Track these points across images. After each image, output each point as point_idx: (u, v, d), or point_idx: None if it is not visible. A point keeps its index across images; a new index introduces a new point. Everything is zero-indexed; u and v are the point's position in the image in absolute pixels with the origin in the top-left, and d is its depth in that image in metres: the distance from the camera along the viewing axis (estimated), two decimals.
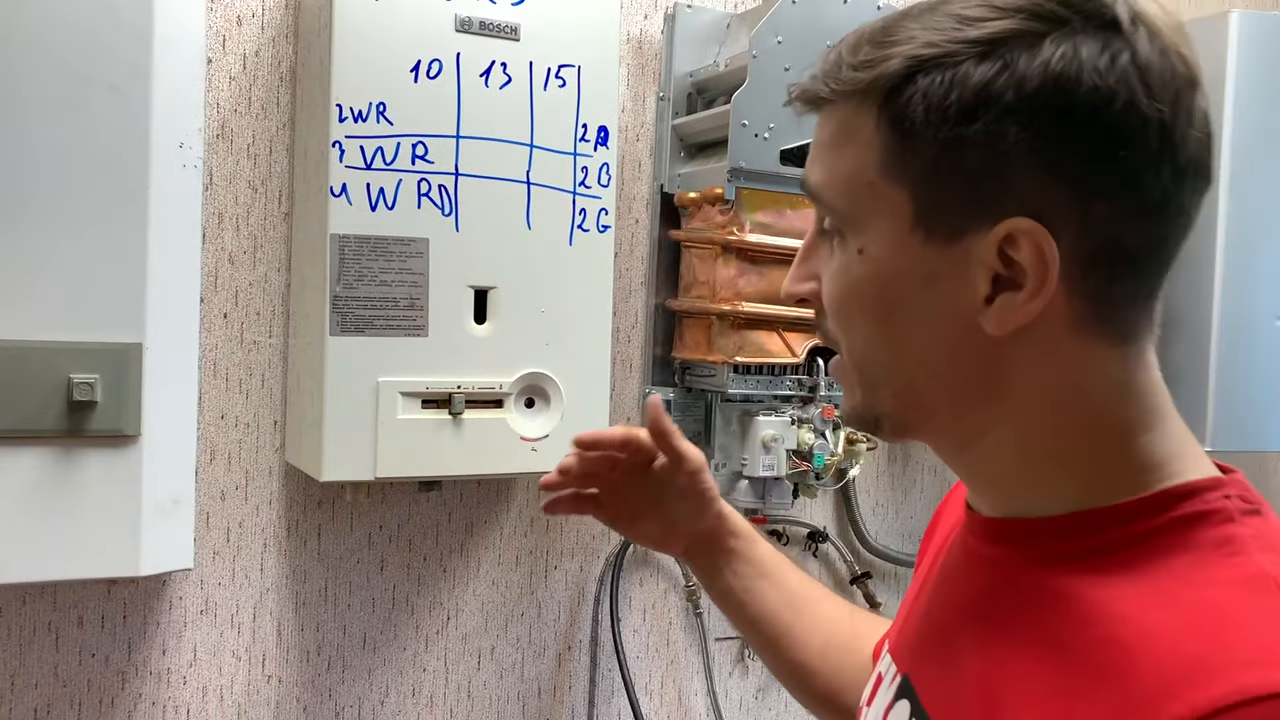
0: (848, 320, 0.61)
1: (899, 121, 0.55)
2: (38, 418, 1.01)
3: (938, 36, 0.54)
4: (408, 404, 1.17)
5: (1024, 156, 0.53)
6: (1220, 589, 0.52)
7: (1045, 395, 0.58)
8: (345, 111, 1.12)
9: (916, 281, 0.57)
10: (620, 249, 1.45)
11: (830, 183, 0.59)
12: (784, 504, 1.45)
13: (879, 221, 0.58)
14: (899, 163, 0.56)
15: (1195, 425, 1.54)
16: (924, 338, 0.59)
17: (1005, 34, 0.53)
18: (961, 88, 0.53)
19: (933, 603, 0.70)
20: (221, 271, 1.24)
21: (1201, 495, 0.57)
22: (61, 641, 1.20)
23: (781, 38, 1.30)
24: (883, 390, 0.62)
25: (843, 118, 0.58)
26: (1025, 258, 0.54)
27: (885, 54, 0.55)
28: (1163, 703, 0.48)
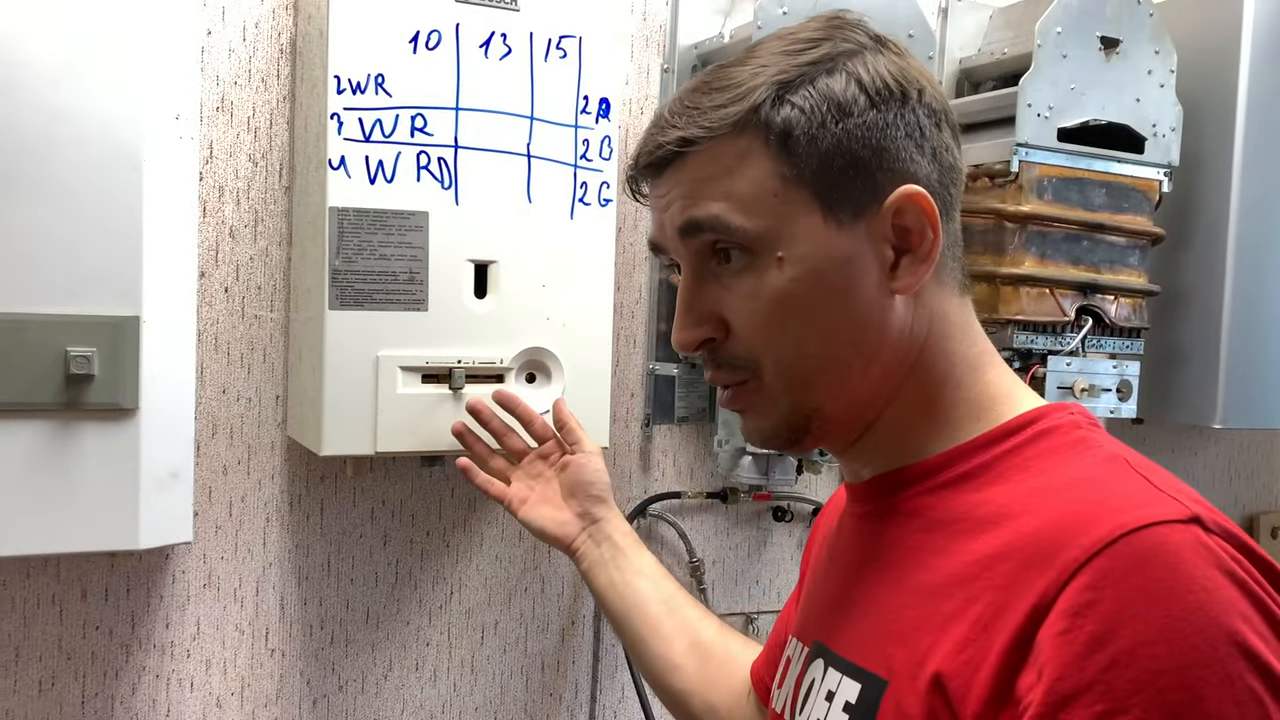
0: (777, 329, 0.66)
1: (785, 136, 0.64)
2: (35, 391, 1.00)
3: (783, 64, 0.65)
4: (408, 379, 1.16)
5: (890, 140, 0.65)
6: (1083, 471, 0.62)
7: (932, 346, 0.68)
8: (344, 83, 1.11)
9: (838, 266, 0.65)
10: (623, 223, 1.44)
11: (731, 209, 0.65)
12: (788, 480, 1.44)
13: (794, 225, 0.65)
14: (795, 170, 0.64)
15: (1205, 403, 1.55)
16: (850, 317, 0.66)
17: (835, 54, 0.65)
18: (827, 97, 0.64)
19: (826, 580, 0.77)
20: (222, 246, 1.24)
21: (1050, 416, 0.66)
22: (65, 614, 1.20)
23: (786, 9, 1.28)
24: (815, 384, 0.67)
25: (720, 152, 0.65)
26: (913, 220, 0.65)
27: (744, 89, 0.65)
28: (1055, 554, 0.55)
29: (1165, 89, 1.47)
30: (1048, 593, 0.55)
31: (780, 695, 0.76)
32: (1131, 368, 1.49)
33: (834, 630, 0.70)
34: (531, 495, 1.13)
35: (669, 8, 1.45)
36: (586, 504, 1.10)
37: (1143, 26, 1.44)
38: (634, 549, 1.08)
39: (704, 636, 1.01)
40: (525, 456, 1.16)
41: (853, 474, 0.74)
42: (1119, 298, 1.47)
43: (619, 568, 1.06)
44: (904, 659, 0.61)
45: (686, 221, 0.67)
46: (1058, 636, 0.53)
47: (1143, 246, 1.49)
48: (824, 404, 0.68)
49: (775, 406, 0.68)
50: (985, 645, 0.56)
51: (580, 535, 1.09)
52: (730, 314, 0.67)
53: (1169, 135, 1.48)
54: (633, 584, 1.05)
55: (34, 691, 1.19)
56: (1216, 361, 1.56)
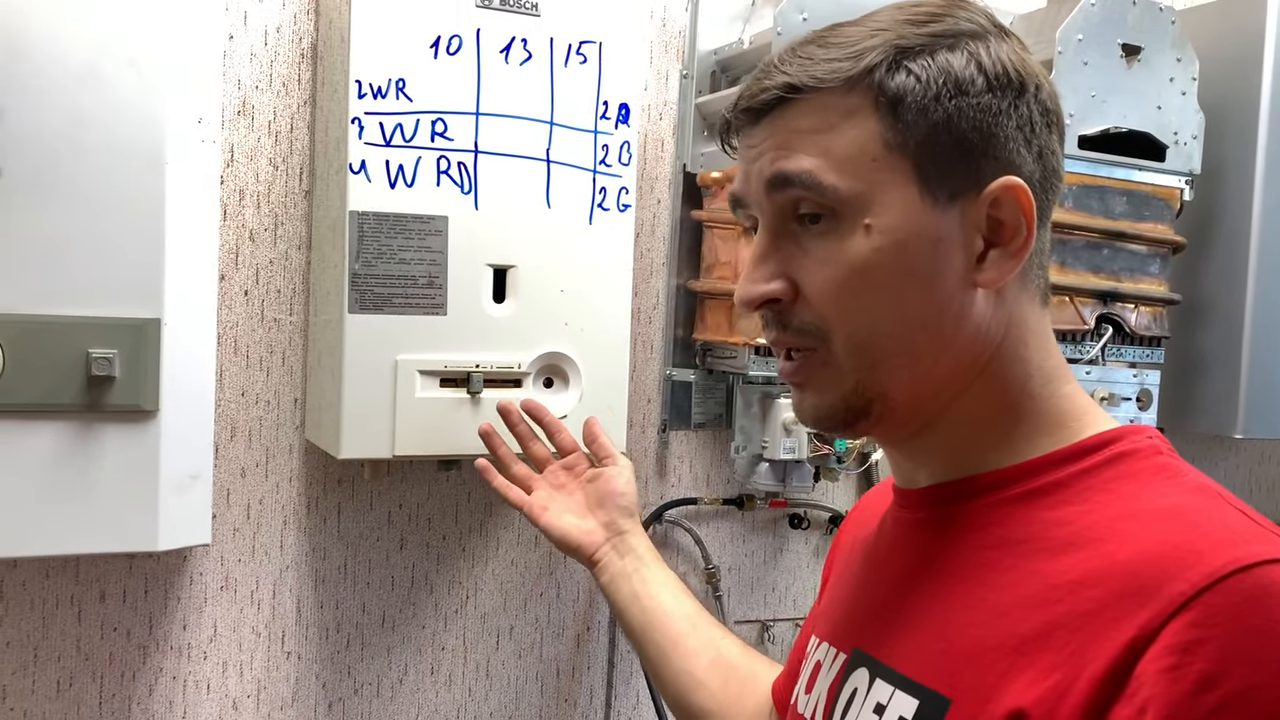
0: (852, 300, 0.63)
1: (896, 101, 0.62)
2: (57, 392, 1.01)
3: (905, 31, 0.63)
4: (426, 383, 1.16)
5: (1001, 128, 0.63)
6: (1174, 499, 0.59)
7: (1006, 351, 0.66)
8: (365, 88, 1.11)
9: (927, 245, 0.62)
10: (641, 229, 1.44)
11: (827, 166, 0.62)
12: (805, 487, 1.44)
13: (888, 194, 0.62)
14: (900, 138, 0.62)
15: (1227, 413, 1.54)
16: (929, 302, 0.63)
17: (959, 31, 0.63)
18: (945, 71, 0.62)
19: (867, 585, 0.74)
20: (242, 249, 1.24)
21: (1128, 437, 0.64)
22: (84, 615, 1.21)
23: (807, 15, 1.28)
24: (885, 365, 0.64)
25: (826, 105, 0.63)
26: (1009, 214, 0.63)
27: (861, 48, 0.63)
28: (1159, 586, 0.53)
29: (1187, 96, 1.46)
30: (1149, 625, 0.52)
31: (808, 701, 0.73)
32: (1152, 377, 1.48)
33: (882, 640, 0.67)
34: (553, 504, 1.12)
35: (689, 14, 1.45)
36: (614, 514, 1.09)
37: (1165, 34, 1.43)
38: (657, 564, 1.07)
39: (727, 654, 0.99)
40: (547, 466, 1.15)
41: (905, 477, 0.71)
42: (1139, 306, 1.46)
43: (643, 580, 1.05)
44: (971, 680, 0.59)
45: (775, 174, 0.64)
46: (1165, 673, 0.51)
47: (1164, 255, 1.48)
48: (889, 389, 0.65)
49: (840, 383, 0.65)
50: (1073, 673, 0.54)
51: (604, 546, 1.08)
52: (804, 277, 0.64)
53: (1191, 143, 1.47)
54: (657, 598, 1.03)
55: (52, 692, 1.20)
56: (1238, 371, 1.54)
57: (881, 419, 0.66)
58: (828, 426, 0.68)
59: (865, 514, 0.82)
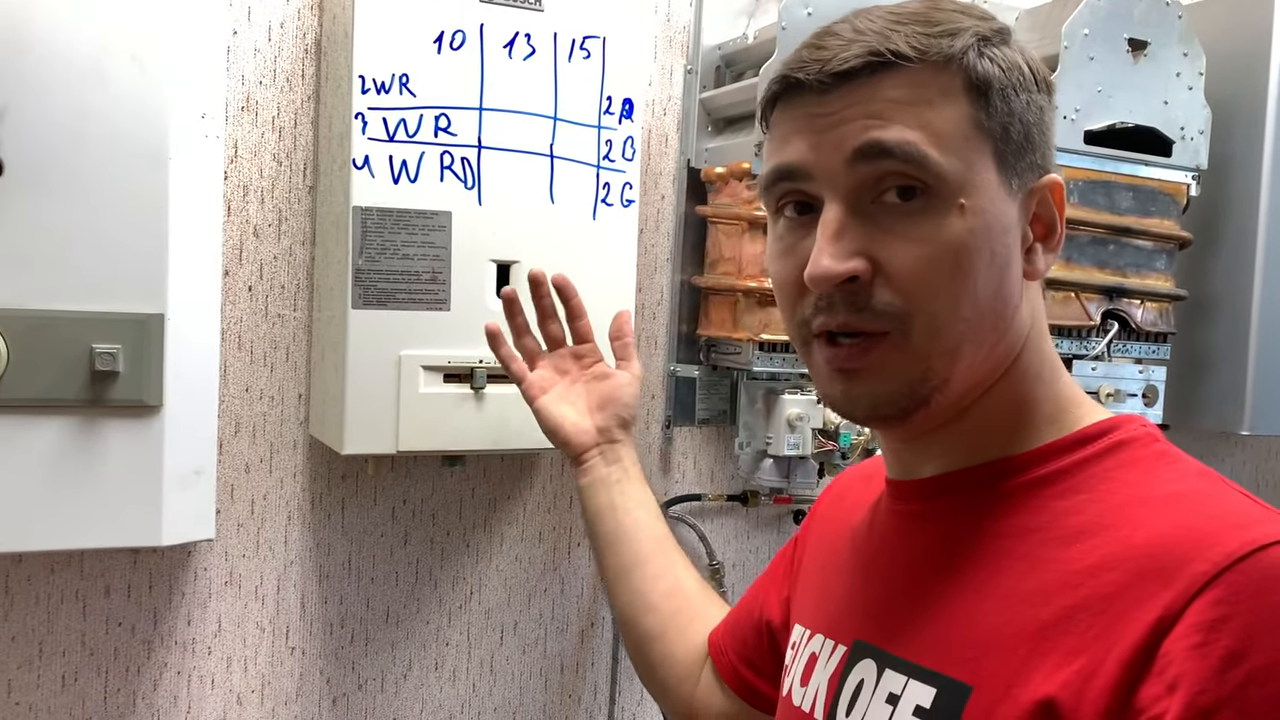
0: (945, 281, 0.61)
1: (985, 85, 0.62)
2: (60, 387, 1.01)
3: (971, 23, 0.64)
4: (429, 378, 1.16)
5: (1047, 124, 0.65)
6: (1179, 484, 0.61)
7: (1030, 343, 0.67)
8: (368, 83, 1.11)
9: (1004, 232, 0.63)
10: (645, 224, 1.43)
11: (929, 140, 0.61)
12: (809, 483, 1.44)
13: (980, 175, 0.62)
14: (988, 123, 0.62)
15: (1233, 409, 1.53)
16: (1003, 289, 0.64)
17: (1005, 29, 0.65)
18: (1015, 64, 0.64)
19: (867, 574, 0.74)
20: (246, 245, 1.24)
21: (1124, 426, 0.65)
22: (89, 610, 1.21)
23: (811, 10, 1.28)
24: (961, 351, 0.63)
25: (923, 80, 0.62)
26: (1046, 210, 0.65)
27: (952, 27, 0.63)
28: (1179, 567, 0.55)
29: (1194, 91, 1.45)
30: (1174, 605, 0.54)
31: (805, 693, 0.74)
32: (1158, 373, 1.48)
33: (888, 631, 0.67)
34: (552, 388, 1.09)
35: (692, 9, 1.44)
36: (611, 421, 1.07)
37: (1171, 28, 1.43)
38: (641, 480, 1.06)
39: (685, 585, 1.00)
40: (557, 348, 1.12)
41: (904, 469, 0.71)
42: (1145, 302, 1.45)
43: (623, 493, 1.04)
44: (994, 667, 0.59)
45: (869, 143, 0.60)
46: (1192, 650, 0.52)
47: (1170, 250, 1.47)
48: (954, 376, 0.63)
49: (909, 369, 0.62)
50: (1099, 655, 0.55)
51: (594, 449, 1.06)
52: (890, 256, 0.61)
53: (1197, 138, 1.46)
54: (633, 513, 1.03)
55: (57, 686, 1.20)
56: (1244, 367, 1.54)
57: (938, 410, 0.64)
58: (884, 415, 0.65)
59: (846, 500, 0.81)
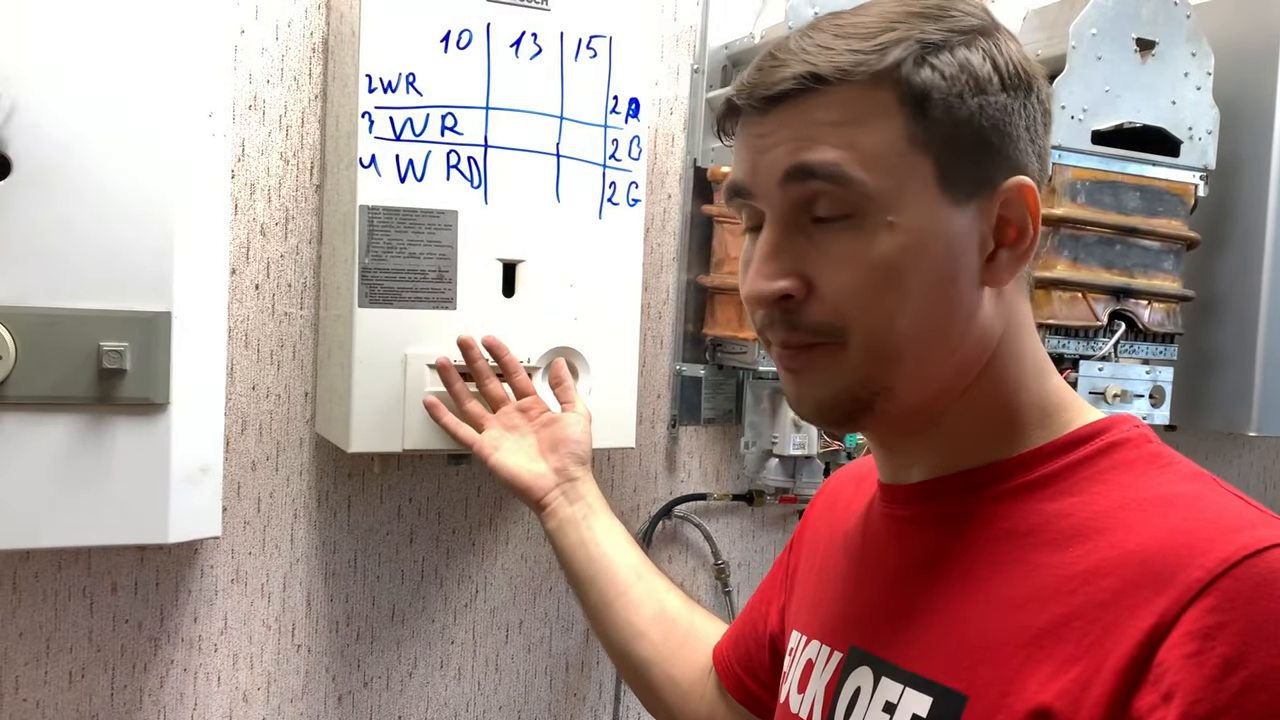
0: (874, 299, 0.62)
1: (922, 98, 0.61)
2: (68, 384, 1.01)
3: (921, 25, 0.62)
4: (436, 377, 1.16)
5: (1013, 126, 0.63)
6: (1172, 487, 0.60)
7: (1005, 348, 0.66)
8: (375, 82, 1.12)
9: (944, 244, 0.62)
10: (652, 224, 1.44)
11: (853, 160, 0.61)
12: (815, 483, 1.44)
13: (912, 191, 0.61)
14: (923, 134, 0.61)
15: (1240, 410, 1.53)
16: (948, 302, 0.63)
17: (975, 28, 0.63)
18: (966, 69, 0.62)
19: (860, 579, 0.73)
20: (253, 243, 1.25)
21: (1117, 427, 0.65)
22: (96, 607, 1.22)
23: (817, 9, 1.28)
24: (898, 363, 0.63)
25: (852, 99, 0.61)
26: (1017, 214, 0.63)
27: (885, 41, 0.61)
28: (1173, 573, 0.54)
29: (1202, 91, 1.45)
30: (1168, 612, 0.53)
31: (802, 700, 0.73)
32: (1165, 373, 1.47)
33: (883, 638, 0.67)
34: (504, 444, 1.11)
35: (699, 8, 1.44)
36: (566, 461, 1.08)
37: (1179, 28, 1.42)
38: (606, 513, 1.06)
39: (669, 607, 1.00)
40: (501, 406, 1.14)
41: (893, 472, 0.71)
42: (1152, 302, 1.45)
43: (590, 528, 1.04)
44: (989, 675, 0.59)
45: (796, 165, 0.61)
46: (1188, 658, 0.52)
47: (1177, 251, 1.47)
48: (896, 384, 0.64)
49: (846, 375, 0.63)
50: (1094, 664, 0.55)
51: (554, 490, 1.07)
52: (820, 274, 0.62)
53: (1205, 138, 1.46)
54: (602, 545, 1.03)
55: (64, 683, 1.21)
56: (1252, 368, 1.53)
57: (887, 416, 0.65)
58: (829, 419, 0.67)
59: (838, 504, 0.81)
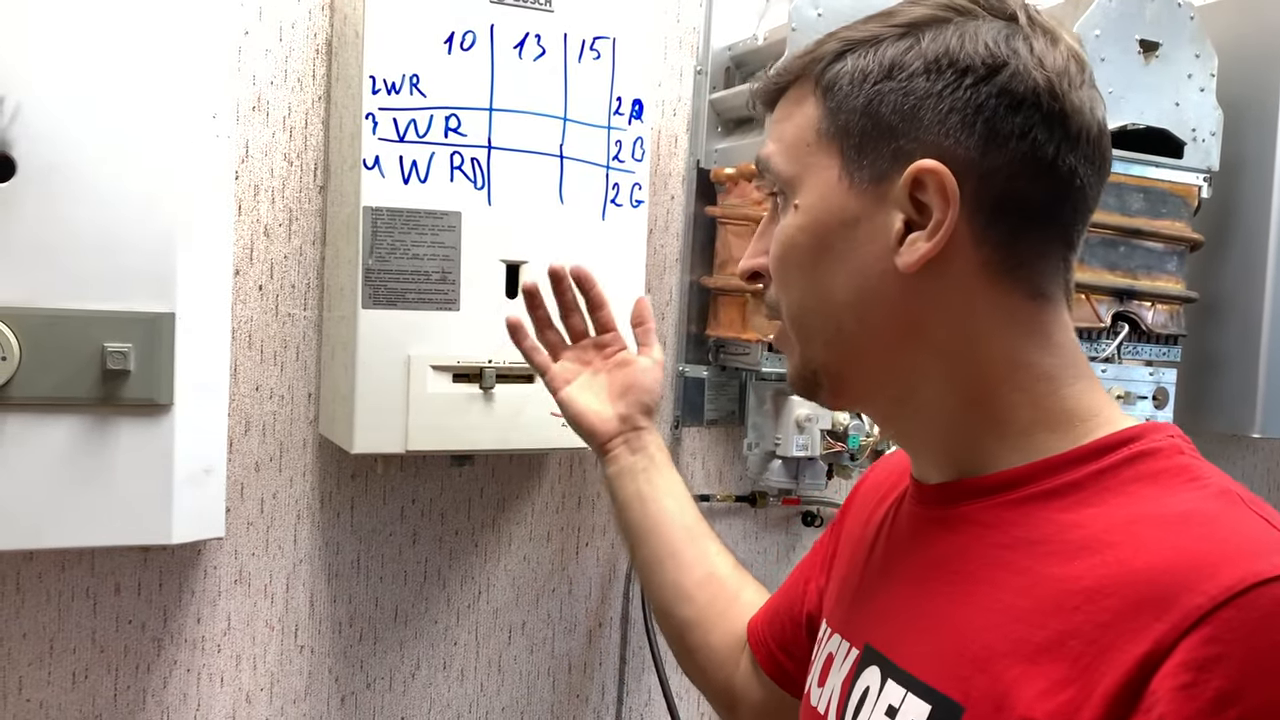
0: (786, 274, 0.68)
1: (830, 89, 0.65)
2: (72, 385, 1.02)
3: (871, 26, 0.66)
4: (438, 378, 1.17)
5: (930, 111, 0.62)
6: (1194, 505, 0.57)
7: (965, 339, 0.64)
8: (379, 83, 1.12)
9: (842, 226, 0.65)
10: (655, 225, 1.44)
11: (777, 151, 0.68)
12: (818, 484, 1.44)
13: (814, 176, 0.66)
14: (831, 124, 0.65)
15: (1244, 412, 1.53)
16: (847, 280, 0.65)
17: (920, 19, 0.64)
18: (880, 59, 0.64)
19: (881, 579, 0.73)
20: (257, 244, 1.25)
21: (1147, 436, 0.62)
22: (99, 608, 1.22)
23: (821, 10, 1.28)
24: (816, 340, 0.68)
25: (791, 98, 0.68)
26: (930, 197, 0.62)
27: (824, 42, 0.67)
28: (1173, 598, 0.52)
29: (1205, 93, 1.45)
30: (1165, 639, 0.51)
31: (821, 694, 0.73)
32: (1168, 375, 1.47)
33: (893, 639, 0.67)
34: (575, 379, 1.07)
35: (703, 9, 1.44)
36: (634, 409, 1.04)
37: (1183, 29, 1.42)
38: (668, 467, 1.04)
39: (719, 571, 0.99)
40: (580, 340, 1.09)
41: (919, 471, 0.71)
42: (1156, 304, 1.45)
43: (650, 482, 1.02)
44: (984, 686, 0.58)
45: (756, 159, 0.71)
46: (1180, 690, 0.50)
47: (1181, 252, 1.47)
48: (828, 363, 0.68)
49: (791, 355, 0.71)
50: (1087, 687, 0.53)
51: (617, 438, 1.04)
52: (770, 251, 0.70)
53: (1209, 140, 1.46)
54: (660, 502, 1.01)
55: (67, 684, 1.21)
56: (1256, 369, 1.53)
57: (837, 392, 0.70)
58: (798, 391, 0.73)
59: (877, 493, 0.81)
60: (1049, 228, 0.65)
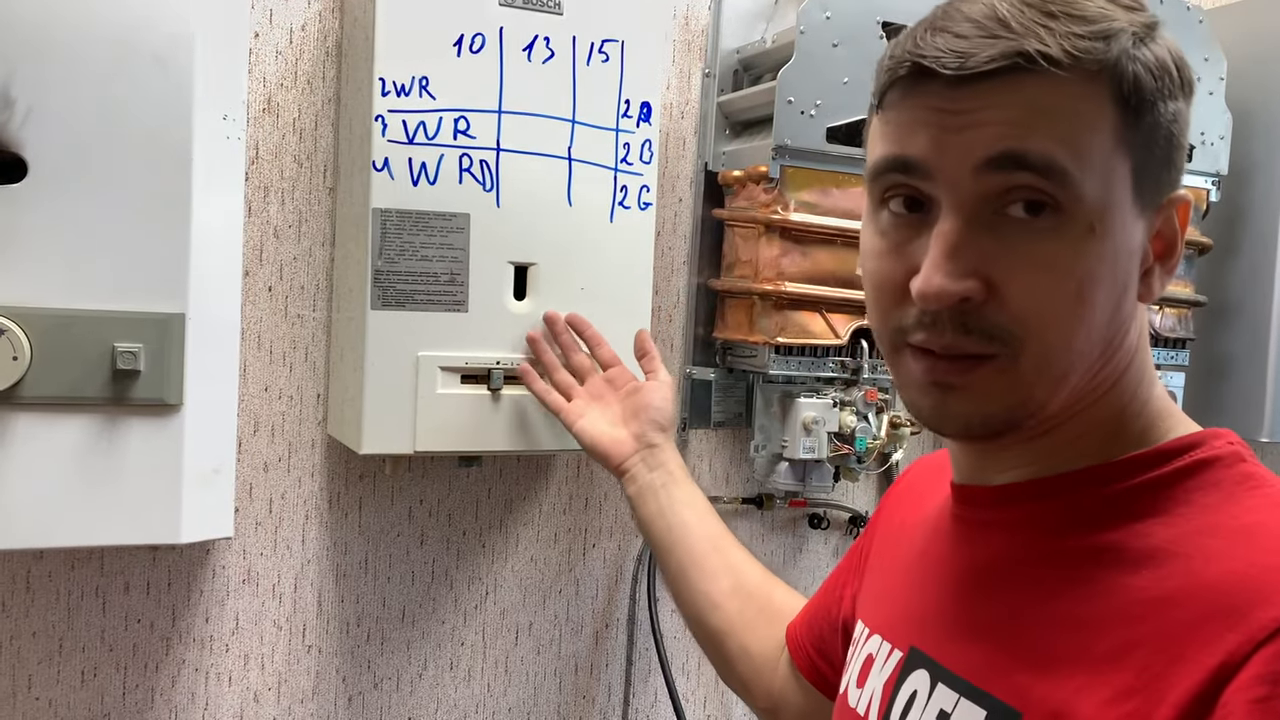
0: (1065, 308, 0.57)
1: (1132, 96, 0.56)
2: (82, 385, 1.02)
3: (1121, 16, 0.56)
4: (447, 379, 1.17)
5: (1185, 136, 0.58)
6: (1260, 514, 0.56)
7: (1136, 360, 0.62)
8: (388, 85, 1.12)
9: (1129, 255, 0.59)
10: (663, 227, 1.44)
11: (1071, 155, 0.55)
12: (825, 487, 1.44)
13: (1115, 195, 0.57)
14: (1128, 135, 0.57)
15: (1253, 416, 1.52)
16: (1120, 315, 0.59)
17: (1154, 23, 0.58)
18: (1162, 70, 0.57)
19: (927, 579, 0.71)
20: (267, 245, 1.25)
21: (1210, 443, 0.61)
22: (108, 607, 1.22)
23: (830, 13, 1.28)
24: (1067, 381, 0.59)
25: (1071, 86, 0.55)
26: (1169, 229, 0.59)
27: (1106, 27, 0.56)
28: (1247, 610, 0.50)
29: (1214, 97, 1.45)
30: (1238, 651, 0.50)
31: (860, 695, 0.71)
32: (1177, 379, 1.47)
33: (942, 642, 0.65)
34: (589, 411, 1.13)
35: (711, 12, 1.45)
36: (646, 428, 1.09)
37: (1192, 33, 1.42)
38: (686, 481, 1.06)
39: (747, 580, 0.99)
40: (587, 377, 1.16)
41: (976, 474, 0.67)
42: (1164, 308, 1.45)
43: (670, 497, 1.04)
44: (1043, 693, 0.56)
45: (1006, 152, 0.55)
46: (1256, 703, 0.49)
47: (1189, 256, 1.46)
48: (1052, 403, 0.60)
49: (1012, 394, 0.59)
50: (1155, 697, 0.52)
51: (633, 456, 1.08)
52: (1008, 277, 0.57)
53: (1218, 144, 1.46)
54: (680, 514, 1.03)
55: (76, 682, 1.21)
56: (1264, 373, 1.53)
57: (1029, 431, 0.62)
58: (979, 435, 0.62)
59: (914, 495, 0.79)
60: None
